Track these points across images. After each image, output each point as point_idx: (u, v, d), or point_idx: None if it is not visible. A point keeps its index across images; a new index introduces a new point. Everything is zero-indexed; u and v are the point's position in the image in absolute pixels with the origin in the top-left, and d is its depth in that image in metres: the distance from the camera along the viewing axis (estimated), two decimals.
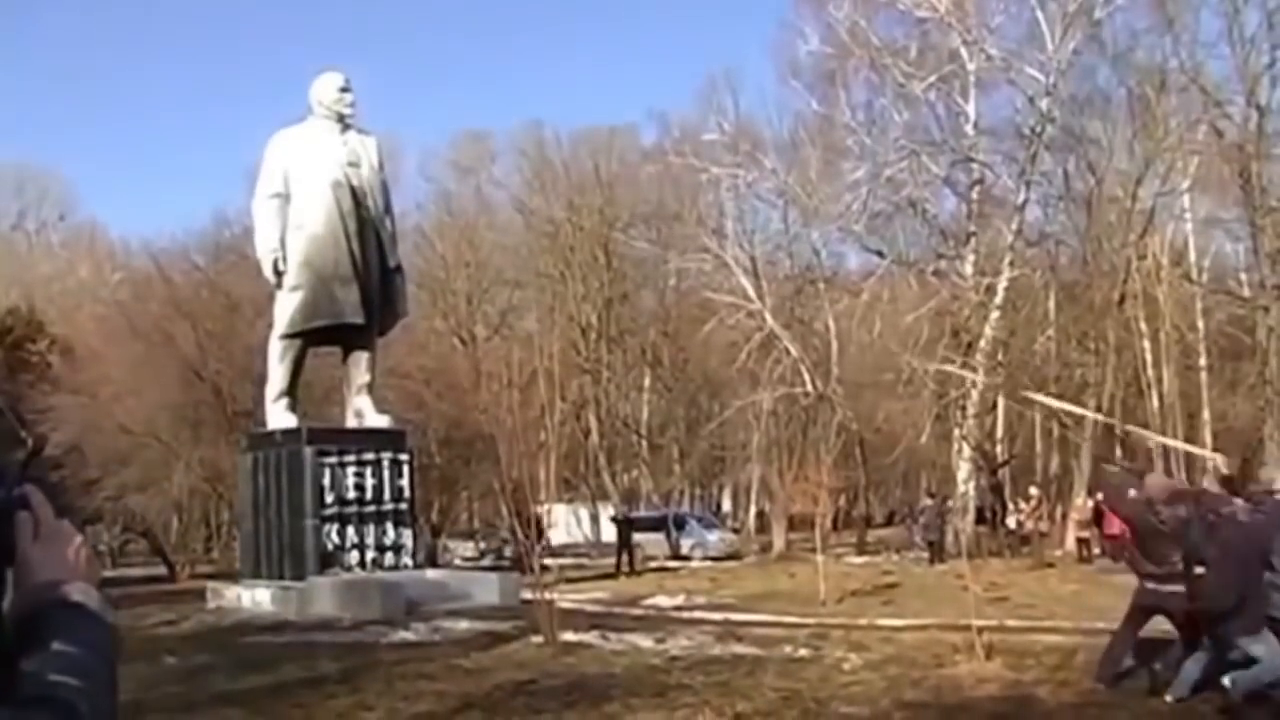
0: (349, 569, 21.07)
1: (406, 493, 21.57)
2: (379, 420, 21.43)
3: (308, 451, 20.83)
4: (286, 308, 20.79)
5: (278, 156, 20.87)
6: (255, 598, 20.68)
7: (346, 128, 21.10)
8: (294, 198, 20.59)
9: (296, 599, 19.91)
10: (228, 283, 37.07)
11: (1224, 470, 14.13)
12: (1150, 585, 10.22)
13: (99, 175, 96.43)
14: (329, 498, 20.72)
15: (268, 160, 21.01)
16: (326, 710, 10.16)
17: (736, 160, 41.53)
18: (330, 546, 21.14)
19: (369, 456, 20.87)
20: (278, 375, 21.04)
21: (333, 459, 20.89)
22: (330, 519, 21.09)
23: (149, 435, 32.27)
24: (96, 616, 1.50)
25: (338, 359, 22.62)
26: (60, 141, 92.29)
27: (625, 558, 31.66)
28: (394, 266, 21.69)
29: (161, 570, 32.86)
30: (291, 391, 21.18)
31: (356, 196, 20.62)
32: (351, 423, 21.52)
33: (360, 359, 21.60)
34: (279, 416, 20.97)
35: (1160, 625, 10.59)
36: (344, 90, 20.99)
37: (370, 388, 21.88)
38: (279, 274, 20.60)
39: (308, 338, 21.27)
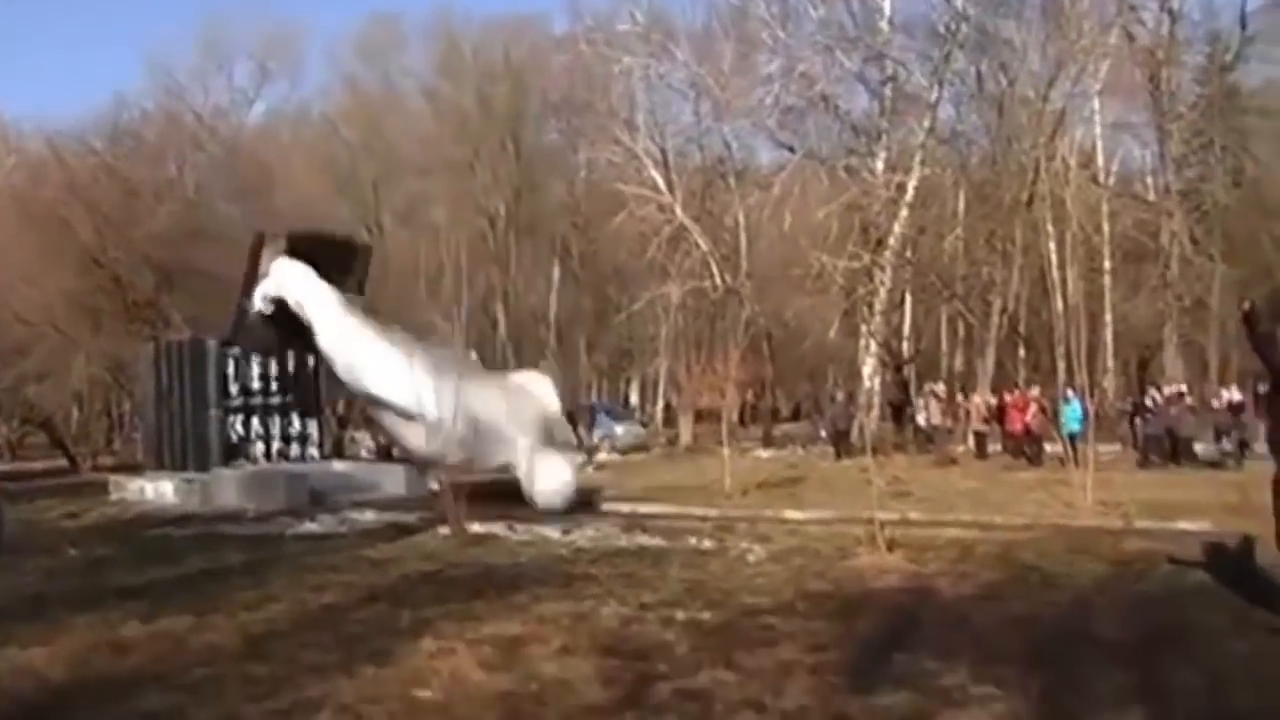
0: (254, 460, 20.92)
1: (311, 383, 21.36)
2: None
3: (211, 342, 20.50)
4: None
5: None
6: (159, 490, 20.48)
7: None
8: None
9: (200, 491, 19.76)
10: (126, 168, 36.16)
11: None
12: None
13: None
14: (233, 388, 20.47)
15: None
16: (232, 602, 10.08)
17: (649, 51, 41.02)
18: (235, 438, 20.95)
19: None
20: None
21: (236, 349, 20.60)
22: (235, 410, 20.87)
23: (47, 324, 31.59)
24: None
25: None
26: None
27: None
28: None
29: (62, 463, 32.27)
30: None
31: None
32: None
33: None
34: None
35: None
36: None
37: None
38: None
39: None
